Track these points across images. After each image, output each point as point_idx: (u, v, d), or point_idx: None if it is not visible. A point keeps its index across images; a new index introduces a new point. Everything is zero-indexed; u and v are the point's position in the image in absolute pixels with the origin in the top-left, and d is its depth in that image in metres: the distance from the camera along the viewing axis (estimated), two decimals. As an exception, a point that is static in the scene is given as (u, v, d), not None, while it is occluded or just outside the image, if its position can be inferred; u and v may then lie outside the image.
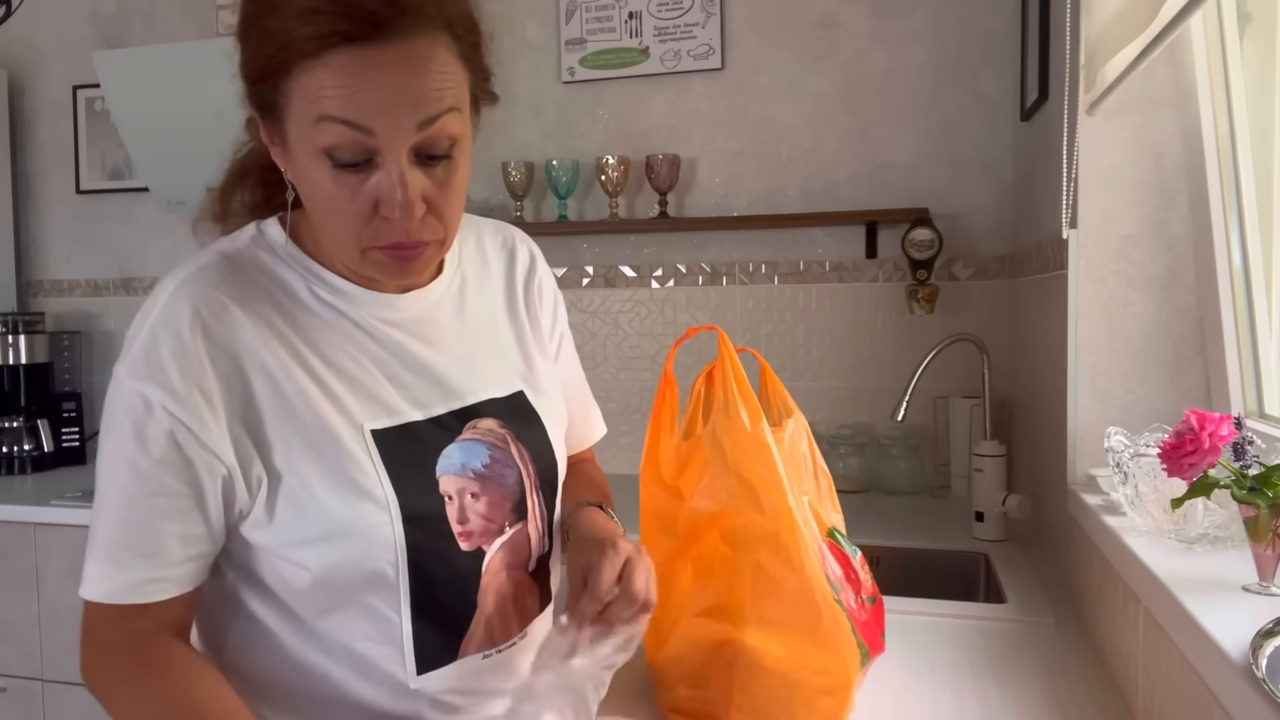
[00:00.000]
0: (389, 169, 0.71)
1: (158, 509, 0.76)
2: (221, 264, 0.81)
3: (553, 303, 1.01)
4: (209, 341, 0.76)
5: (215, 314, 0.77)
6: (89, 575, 0.77)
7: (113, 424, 0.76)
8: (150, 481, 0.75)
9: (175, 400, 0.74)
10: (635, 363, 2.41)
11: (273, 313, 0.80)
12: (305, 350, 0.80)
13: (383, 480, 0.78)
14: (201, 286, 0.78)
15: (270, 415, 0.77)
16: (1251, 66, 1.15)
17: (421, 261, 0.78)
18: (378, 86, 0.69)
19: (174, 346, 0.75)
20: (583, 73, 2.39)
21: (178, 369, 0.74)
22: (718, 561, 0.95)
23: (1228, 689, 0.71)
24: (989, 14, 2.13)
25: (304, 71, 0.69)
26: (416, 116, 0.71)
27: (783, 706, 0.92)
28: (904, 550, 1.75)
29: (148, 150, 2.44)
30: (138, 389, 0.75)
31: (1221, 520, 0.99)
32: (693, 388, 1.02)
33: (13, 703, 2.22)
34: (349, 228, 0.74)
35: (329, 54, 0.68)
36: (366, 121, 0.69)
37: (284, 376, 0.78)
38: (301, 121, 0.71)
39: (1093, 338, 1.35)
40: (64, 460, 2.66)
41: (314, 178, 0.73)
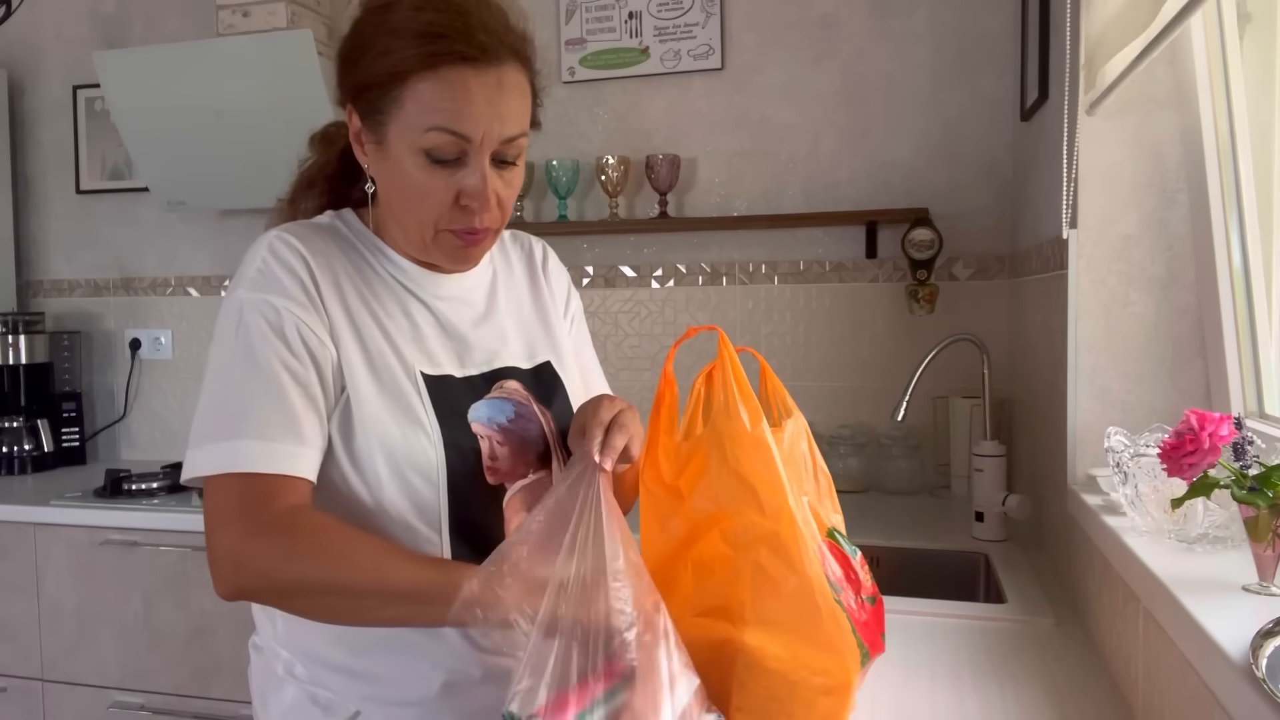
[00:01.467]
0: (474, 168, 0.88)
1: (296, 394, 0.85)
2: (308, 225, 0.96)
3: (565, 287, 1.14)
4: (309, 267, 0.90)
5: (311, 251, 0.91)
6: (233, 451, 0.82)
7: (244, 329, 0.86)
8: (290, 373, 0.85)
9: (298, 305, 0.87)
10: (635, 363, 2.41)
11: (348, 264, 0.94)
12: (371, 299, 0.94)
13: (428, 411, 0.91)
14: (298, 233, 0.92)
15: (346, 339, 0.90)
16: (1251, 66, 1.15)
17: (481, 247, 0.94)
18: (477, 104, 0.85)
19: (285, 266, 0.89)
20: (583, 73, 2.39)
21: (293, 283, 0.88)
22: (718, 562, 0.95)
23: (1228, 689, 0.71)
24: (989, 14, 2.13)
25: (419, 81, 0.85)
26: (504, 131, 0.88)
27: (783, 706, 0.92)
28: (904, 550, 1.75)
29: (148, 150, 2.44)
30: (265, 299, 0.87)
31: (1221, 520, 0.99)
32: (692, 388, 1.02)
33: (13, 703, 2.22)
34: (432, 212, 0.89)
35: (444, 69, 0.84)
36: (468, 132, 0.86)
37: (357, 312, 0.92)
38: (409, 125, 0.86)
39: (1093, 337, 1.35)
40: (64, 460, 2.66)
41: (407, 170, 0.88)
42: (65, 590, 2.17)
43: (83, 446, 2.71)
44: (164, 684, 2.12)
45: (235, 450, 0.82)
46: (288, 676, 0.95)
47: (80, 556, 2.15)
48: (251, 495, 0.82)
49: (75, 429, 2.69)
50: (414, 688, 0.90)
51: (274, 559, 0.81)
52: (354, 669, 0.91)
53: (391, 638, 0.89)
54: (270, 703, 0.97)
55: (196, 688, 2.10)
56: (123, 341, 2.79)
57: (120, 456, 2.78)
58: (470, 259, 0.96)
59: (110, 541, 2.10)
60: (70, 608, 2.17)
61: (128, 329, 2.79)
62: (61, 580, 2.17)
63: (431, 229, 0.91)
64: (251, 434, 0.82)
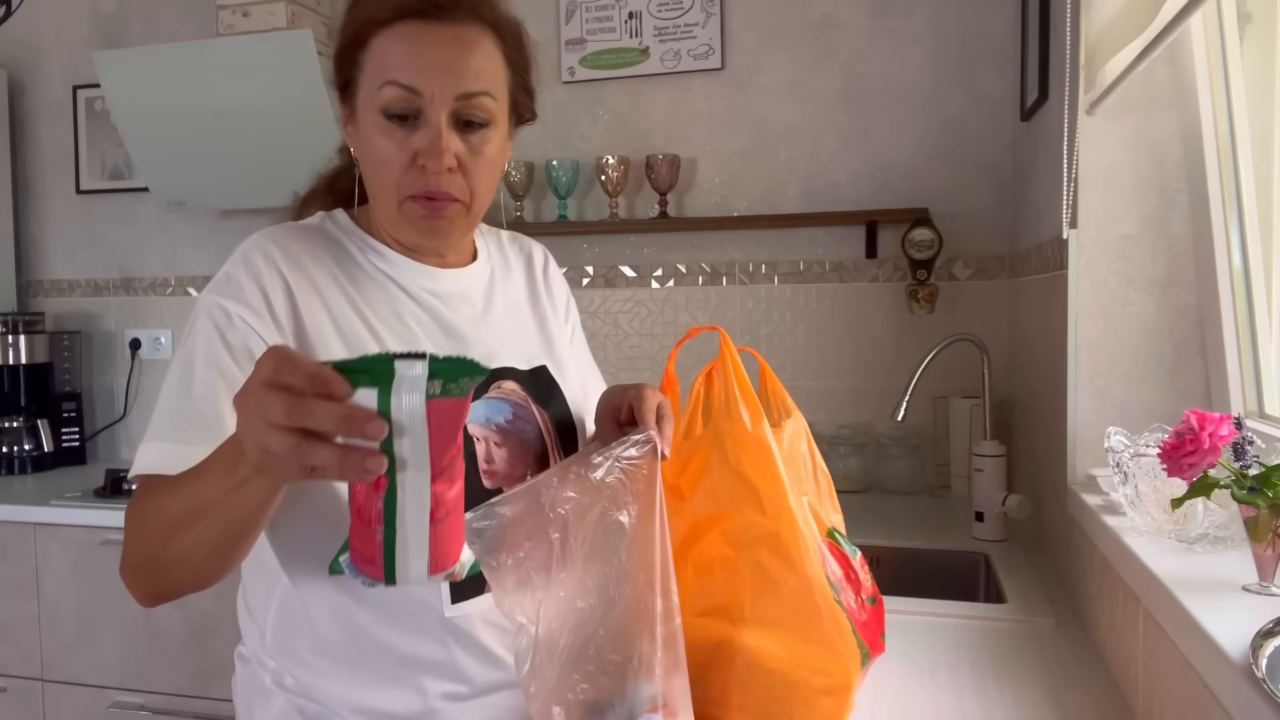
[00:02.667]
0: (429, 125, 0.86)
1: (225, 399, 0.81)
2: (295, 227, 0.94)
3: (564, 296, 1.14)
4: (280, 276, 0.87)
5: (288, 257, 0.89)
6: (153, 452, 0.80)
7: (195, 331, 0.85)
8: (226, 380, 0.82)
9: (252, 313, 0.85)
10: (635, 363, 2.41)
11: (334, 266, 0.92)
12: (359, 301, 0.91)
13: None
14: (278, 237, 0.91)
15: (329, 344, 0.87)
16: (1251, 66, 1.15)
17: (447, 220, 0.90)
18: (429, 55, 0.85)
19: (249, 273, 0.86)
20: (583, 73, 2.39)
21: (253, 289, 0.86)
22: (718, 561, 0.95)
23: (1228, 689, 0.71)
24: (989, 14, 2.13)
25: (377, 39, 0.86)
26: (457, 87, 0.86)
27: (783, 706, 0.92)
28: (904, 550, 1.75)
29: (148, 150, 2.44)
30: (219, 302, 0.85)
31: (1221, 520, 0.99)
32: (693, 388, 1.02)
33: (13, 703, 2.22)
34: (393, 176, 0.87)
35: (398, 24, 0.85)
36: (416, 83, 0.85)
37: (340, 317, 0.89)
38: (368, 86, 0.87)
39: (1093, 337, 1.35)
40: (64, 460, 2.66)
41: (371, 136, 0.87)
42: (65, 590, 2.17)
43: (83, 446, 2.71)
44: (164, 684, 2.12)
45: (146, 451, 0.81)
46: (275, 687, 0.92)
47: (80, 556, 2.15)
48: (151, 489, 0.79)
49: (75, 429, 2.69)
50: (406, 700, 0.89)
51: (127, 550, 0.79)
52: (345, 678, 0.89)
53: (386, 650, 0.88)
54: (257, 714, 0.94)
55: (196, 688, 2.10)
56: (123, 341, 2.79)
57: (120, 456, 2.77)
58: (438, 232, 0.91)
59: (110, 541, 2.10)
60: (70, 608, 2.17)
61: (128, 329, 2.79)
62: (61, 580, 2.17)
63: (395, 197, 0.89)
64: (170, 436, 0.81)
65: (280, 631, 0.92)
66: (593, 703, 0.78)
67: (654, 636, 0.78)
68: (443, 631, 0.88)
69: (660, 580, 0.79)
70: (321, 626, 0.89)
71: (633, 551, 0.79)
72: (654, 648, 0.78)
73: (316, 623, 0.89)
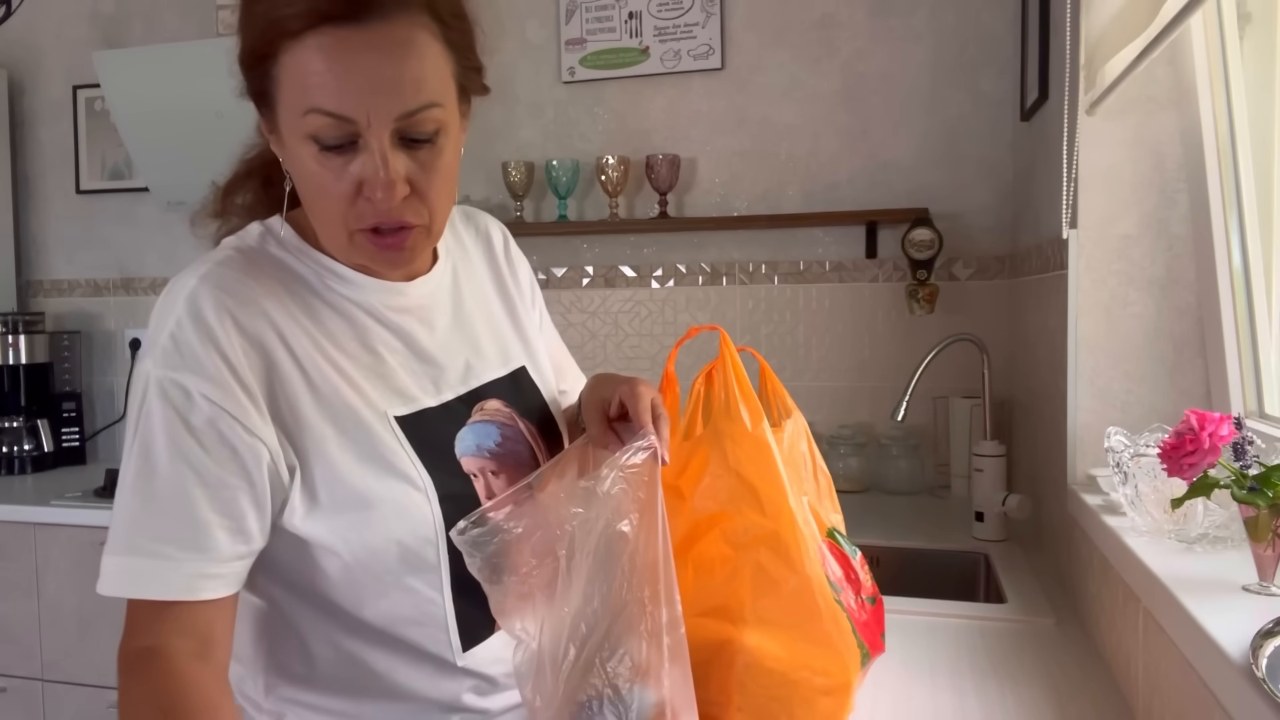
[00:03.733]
0: (371, 151, 0.72)
1: (205, 501, 0.73)
2: (237, 259, 0.80)
3: (528, 277, 1.04)
4: (238, 330, 0.75)
5: (241, 304, 0.76)
6: (127, 570, 0.73)
7: (148, 417, 0.73)
8: (197, 473, 0.73)
9: (215, 387, 0.73)
10: (635, 363, 2.41)
11: (291, 304, 0.80)
12: (324, 340, 0.80)
13: (415, 462, 0.80)
14: (224, 279, 0.77)
15: (301, 402, 0.77)
16: (1251, 66, 1.15)
17: (407, 250, 0.79)
18: (357, 72, 0.70)
19: (204, 336, 0.73)
20: (583, 73, 2.39)
21: (212, 357, 0.73)
22: (718, 561, 0.95)
23: (1228, 689, 0.71)
24: (989, 14, 2.13)
25: (288, 54, 0.71)
26: (396, 107, 0.72)
27: (783, 706, 0.92)
28: (904, 550, 1.75)
29: (148, 150, 2.44)
30: (174, 379, 0.73)
31: (1221, 520, 0.99)
32: (693, 388, 1.02)
33: (13, 703, 2.22)
34: (335, 209, 0.75)
35: (309, 35, 0.69)
36: (347, 111, 0.71)
37: (309, 365, 0.78)
38: (289, 109, 0.73)
39: (1093, 337, 1.35)
40: (64, 460, 2.66)
41: (302, 162, 0.74)
42: (65, 590, 2.17)
43: (83, 446, 2.71)
44: (164, 684, 2.12)
45: (128, 570, 0.73)
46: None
47: (80, 556, 2.15)
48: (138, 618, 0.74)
49: (75, 429, 2.69)
50: None
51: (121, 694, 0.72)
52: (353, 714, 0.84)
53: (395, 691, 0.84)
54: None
55: (196, 688, 2.10)
56: (123, 341, 2.79)
57: (120, 456, 2.77)
58: (399, 262, 0.80)
59: (110, 541, 2.10)
60: (70, 608, 2.17)
61: (128, 329, 2.79)
62: (61, 580, 2.17)
63: (342, 231, 0.76)
64: (144, 551, 0.72)
65: (274, 677, 0.85)
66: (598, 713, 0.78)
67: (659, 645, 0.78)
68: (457, 675, 0.85)
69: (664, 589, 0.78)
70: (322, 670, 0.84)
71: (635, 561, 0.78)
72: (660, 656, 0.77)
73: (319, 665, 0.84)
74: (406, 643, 0.83)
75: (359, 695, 0.84)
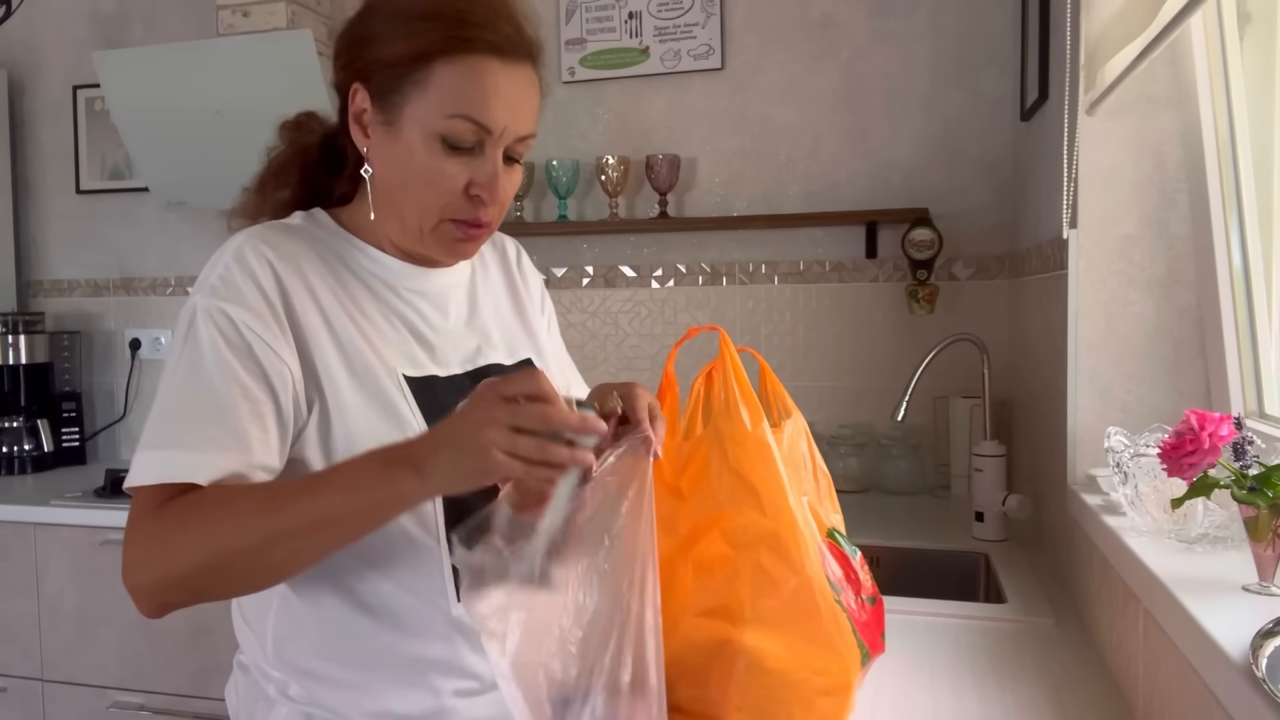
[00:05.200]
0: (489, 159, 0.87)
1: (246, 410, 0.80)
2: (279, 227, 0.92)
3: (539, 289, 1.14)
4: (275, 276, 0.85)
5: (281, 257, 0.87)
6: (163, 460, 0.78)
7: (195, 338, 0.82)
8: (240, 385, 0.81)
9: (254, 317, 0.83)
10: (635, 363, 2.41)
11: (323, 267, 0.90)
12: (348, 302, 0.90)
13: (415, 414, 0.88)
14: (267, 237, 0.88)
15: (324, 347, 0.86)
16: (1251, 66, 1.15)
17: (478, 242, 0.93)
18: (504, 98, 0.86)
19: (247, 275, 0.84)
20: (583, 73, 2.39)
21: (252, 291, 0.84)
22: (718, 561, 0.95)
23: (1228, 689, 0.71)
24: (989, 14, 2.13)
25: (446, 65, 0.84)
26: (521, 128, 0.88)
27: (783, 707, 0.92)
28: (904, 550, 1.75)
29: (148, 150, 2.44)
30: (220, 307, 0.82)
31: (1221, 520, 0.99)
32: (692, 388, 1.02)
33: (13, 703, 2.22)
34: (440, 199, 0.87)
35: (474, 57, 0.84)
36: (490, 123, 0.85)
37: (334, 318, 0.88)
38: (429, 109, 0.85)
39: (1093, 338, 1.35)
40: (64, 460, 2.66)
41: (419, 155, 0.86)
42: (65, 590, 2.17)
43: (83, 446, 2.71)
44: (164, 684, 2.12)
45: (168, 460, 0.78)
46: (280, 697, 0.91)
47: (80, 556, 2.15)
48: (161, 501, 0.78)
49: (75, 429, 2.69)
50: (419, 700, 0.88)
51: (163, 557, 0.76)
52: (354, 684, 0.88)
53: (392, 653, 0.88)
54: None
55: (196, 688, 2.10)
56: (123, 341, 2.79)
57: (120, 456, 2.77)
58: (466, 253, 0.94)
59: (110, 541, 2.10)
60: (70, 608, 2.17)
61: (128, 329, 2.79)
62: (61, 580, 2.17)
63: (435, 217, 0.88)
64: (187, 445, 0.78)
65: (282, 641, 0.90)
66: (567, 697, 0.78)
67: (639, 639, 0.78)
68: (450, 630, 0.88)
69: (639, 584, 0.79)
70: (325, 634, 0.88)
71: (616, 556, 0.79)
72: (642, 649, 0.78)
73: (319, 631, 0.88)
74: (403, 595, 0.87)
75: (360, 660, 0.88)
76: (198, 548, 0.76)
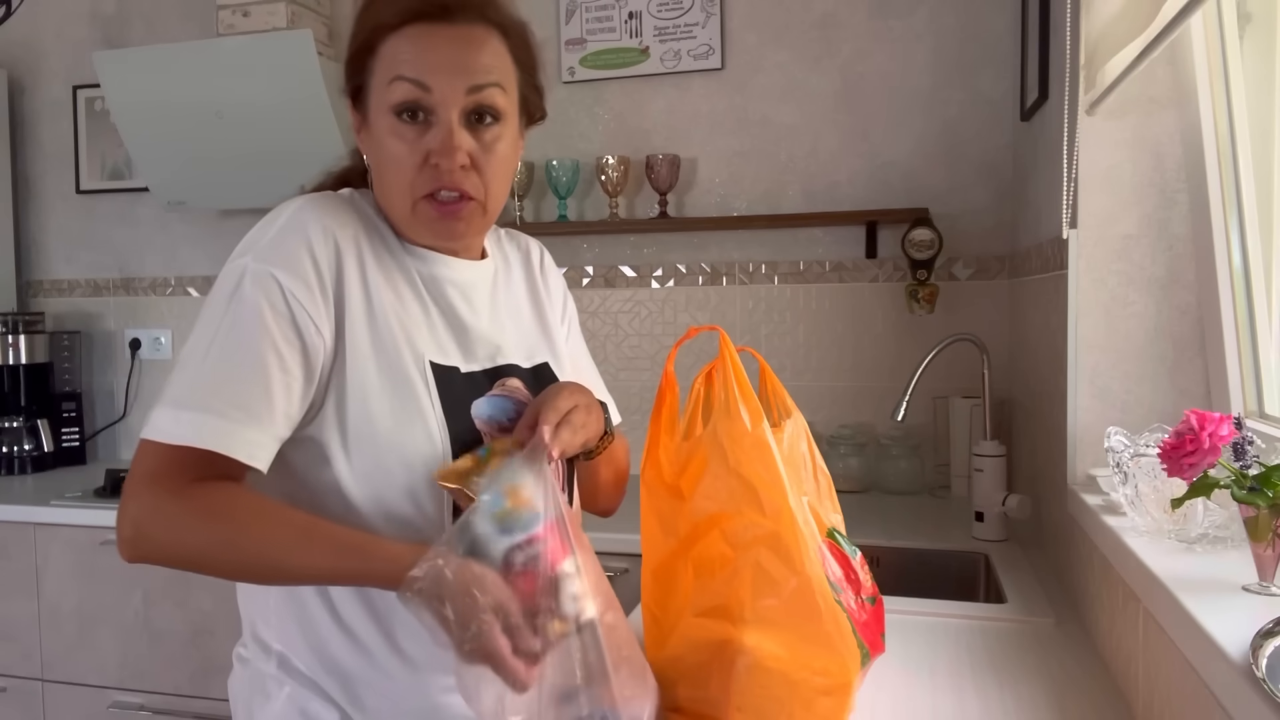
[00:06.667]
0: (442, 123, 0.86)
1: (278, 381, 0.82)
2: (336, 197, 0.93)
3: (561, 293, 1.13)
4: (331, 245, 0.86)
5: (339, 225, 0.88)
6: (191, 422, 0.79)
7: (241, 301, 0.82)
8: (278, 355, 0.82)
9: (304, 286, 0.84)
10: (635, 363, 2.41)
11: (375, 242, 0.92)
12: (387, 283, 0.91)
13: (435, 402, 0.89)
14: (326, 205, 0.89)
15: (359, 319, 0.87)
16: (1251, 66, 1.15)
17: (462, 221, 0.90)
18: (438, 54, 0.86)
19: (302, 241, 0.85)
20: (583, 73, 2.39)
21: (304, 260, 0.84)
22: (718, 561, 0.95)
23: (1228, 689, 0.71)
24: (989, 14, 2.13)
25: (385, 45, 0.87)
26: (466, 81, 0.86)
27: (782, 707, 0.92)
28: (904, 550, 1.75)
29: (148, 150, 2.44)
30: (269, 271, 0.83)
31: (1221, 520, 0.99)
32: (692, 388, 1.02)
33: (13, 703, 2.22)
34: (404, 177, 0.87)
35: (406, 27, 0.86)
36: (426, 79, 0.85)
37: (375, 295, 0.89)
38: (379, 87, 0.88)
39: (1093, 338, 1.35)
40: (64, 460, 2.66)
41: (383, 138, 0.88)
42: (65, 590, 2.17)
43: (83, 446, 2.71)
44: (164, 684, 2.12)
45: (199, 425, 0.79)
46: (276, 687, 0.92)
47: (80, 556, 2.15)
48: (183, 465, 0.79)
49: (75, 429, 2.69)
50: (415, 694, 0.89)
51: (177, 529, 0.79)
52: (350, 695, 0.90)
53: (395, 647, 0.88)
54: (256, 714, 0.94)
55: (196, 688, 2.10)
56: (123, 341, 2.79)
57: (120, 456, 2.77)
58: (454, 233, 0.92)
59: (110, 541, 2.10)
60: (70, 608, 2.17)
61: (128, 329, 2.79)
62: (61, 580, 2.17)
63: (409, 198, 0.88)
64: (219, 411, 0.79)
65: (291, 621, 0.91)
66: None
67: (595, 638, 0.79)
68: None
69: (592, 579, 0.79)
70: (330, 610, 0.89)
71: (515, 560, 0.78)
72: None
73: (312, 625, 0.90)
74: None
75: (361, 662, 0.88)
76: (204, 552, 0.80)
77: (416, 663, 0.89)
